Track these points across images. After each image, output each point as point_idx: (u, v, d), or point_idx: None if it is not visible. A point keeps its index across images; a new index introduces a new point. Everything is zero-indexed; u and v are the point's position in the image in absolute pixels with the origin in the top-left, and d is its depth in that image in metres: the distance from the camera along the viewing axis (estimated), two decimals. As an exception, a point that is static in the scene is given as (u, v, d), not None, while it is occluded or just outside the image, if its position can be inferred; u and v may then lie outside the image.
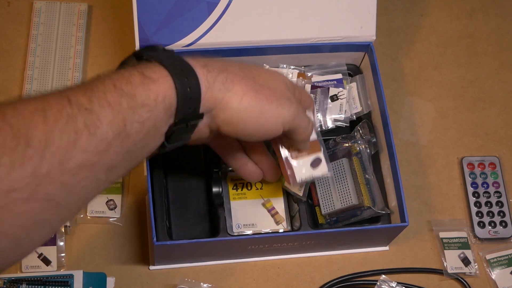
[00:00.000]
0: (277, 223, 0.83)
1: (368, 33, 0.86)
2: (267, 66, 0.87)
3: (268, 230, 0.82)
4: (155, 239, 0.74)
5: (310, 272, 0.86)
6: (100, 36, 0.98)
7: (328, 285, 0.85)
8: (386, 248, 0.88)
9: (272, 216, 0.83)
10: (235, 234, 0.81)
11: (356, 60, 0.90)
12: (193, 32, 0.83)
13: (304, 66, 0.88)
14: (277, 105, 0.64)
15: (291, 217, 0.84)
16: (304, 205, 0.82)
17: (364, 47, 0.87)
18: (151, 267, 0.84)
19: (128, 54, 0.63)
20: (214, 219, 0.82)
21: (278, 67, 0.87)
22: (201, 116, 0.61)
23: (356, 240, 0.84)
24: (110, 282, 0.81)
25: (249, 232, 0.82)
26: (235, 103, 0.61)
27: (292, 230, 0.82)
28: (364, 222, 0.82)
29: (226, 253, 0.84)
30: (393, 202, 0.82)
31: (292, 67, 0.88)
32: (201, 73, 0.60)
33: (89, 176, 0.53)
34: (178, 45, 0.83)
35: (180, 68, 0.59)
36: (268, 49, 0.85)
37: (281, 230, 0.82)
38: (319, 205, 0.83)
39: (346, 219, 0.82)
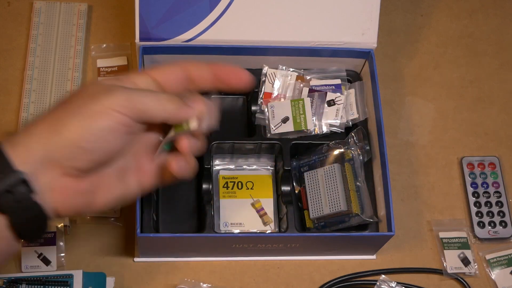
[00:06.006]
0: (265, 224, 0.83)
1: (370, 40, 0.86)
2: (266, 67, 0.87)
3: (256, 230, 0.82)
4: (138, 230, 0.74)
5: (310, 272, 0.86)
6: (100, 36, 0.98)
7: (328, 285, 0.85)
8: (373, 257, 0.87)
9: (261, 216, 0.83)
10: (222, 232, 0.81)
11: (357, 67, 0.89)
12: (194, 28, 0.83)
13: (304, 69, 0.88)
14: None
15: (279, 219, 0.84)
16: (292, 208, 0.82)
17: (365, 54, 0.86)
18: (136, 259, 0.84)
19: None
20: (202, 216, 0.82)
21: (277, 69, 0.87)
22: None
23: (342, 246, 0.83)
24: (110, 282, 0.81)
25: (236, 231, 0.82)
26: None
27: (280, 232, 0.82)
28: (352, 229, 0.82)
29: (212, 250, 0.83)
30: (382, 211, 0.81)
31: (291, 69, 0.88)
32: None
33: None
34: (177, 40, 0.83)
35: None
36: (268, 50, 0.85)
37: (268, 231, 0.82)
38: (308, 209, 0.83)
39: (334, 225, 0.82)
